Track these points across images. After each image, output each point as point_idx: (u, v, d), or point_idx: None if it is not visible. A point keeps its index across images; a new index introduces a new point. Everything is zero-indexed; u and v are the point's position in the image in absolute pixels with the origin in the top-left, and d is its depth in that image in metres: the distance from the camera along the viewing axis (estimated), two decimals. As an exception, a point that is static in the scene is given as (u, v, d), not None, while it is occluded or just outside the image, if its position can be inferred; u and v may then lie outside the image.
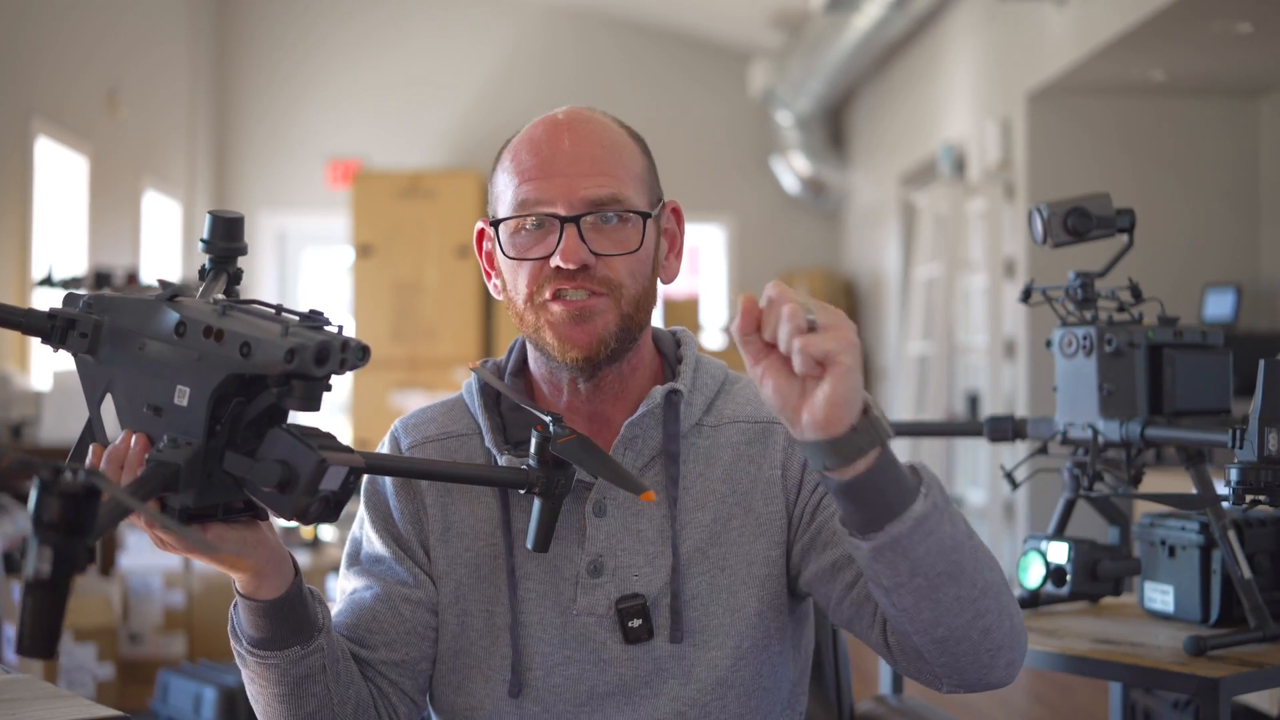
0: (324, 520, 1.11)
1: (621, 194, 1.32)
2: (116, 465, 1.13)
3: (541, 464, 1.25)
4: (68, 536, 0.92)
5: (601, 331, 1.32)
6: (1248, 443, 1.63)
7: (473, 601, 1.36)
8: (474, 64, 8.87)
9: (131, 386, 1.13)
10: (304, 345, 1.03)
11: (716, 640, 1.34)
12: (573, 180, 1.31)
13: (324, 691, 1.28)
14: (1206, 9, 4.32)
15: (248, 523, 1.18)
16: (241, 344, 1.06)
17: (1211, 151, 5.71)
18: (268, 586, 1.22)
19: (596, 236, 1.31)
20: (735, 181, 9.06)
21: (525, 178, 1.33)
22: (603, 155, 1.33)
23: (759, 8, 7.76)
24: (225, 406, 1.09)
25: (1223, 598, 1.83)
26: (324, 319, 1.09)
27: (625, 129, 1.39)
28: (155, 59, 7.77)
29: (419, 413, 1.47)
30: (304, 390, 1.07)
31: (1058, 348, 1.91)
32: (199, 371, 1.08)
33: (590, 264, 1.31)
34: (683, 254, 1.43)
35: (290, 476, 1.07)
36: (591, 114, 1.38)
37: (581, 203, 1.31)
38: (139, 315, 1.13)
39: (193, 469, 1.08)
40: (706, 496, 1.37)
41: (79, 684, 3.87)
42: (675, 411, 1.37)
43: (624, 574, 1.34)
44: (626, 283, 1.32)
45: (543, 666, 1.34)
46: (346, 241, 7.91)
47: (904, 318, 7.33)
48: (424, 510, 1.39)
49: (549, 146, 1.33)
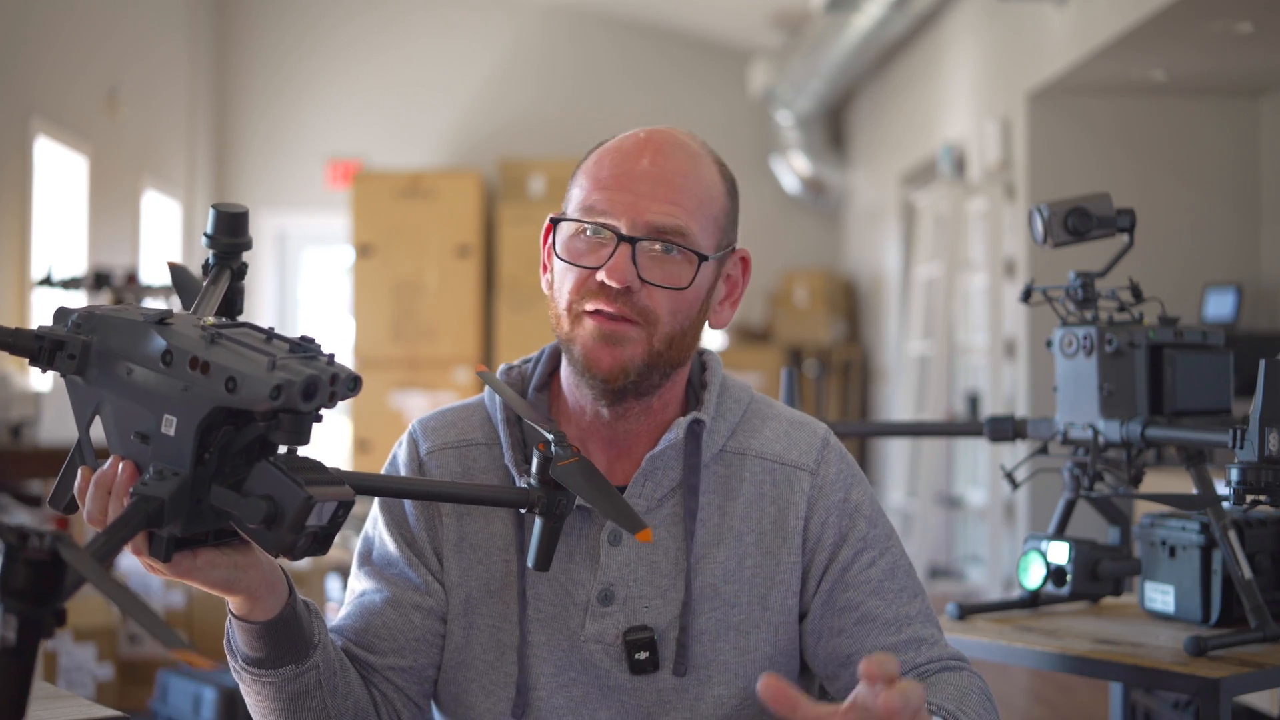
0: (312, 554, 1.08)
1: (687, 227, 1.29)
2: (104, 491, 1.10)
3: (543, 483, 1.23)
4: (34, 604, 0.89)
5: (627, 360, 1.29)
6: (1248, 443, 1.62)
7: (480, 616, 1.35)
8: (474, 64, 8.87)
9: (120, 411, 1.10)
10: (290, 382, 0.99)
11: (723, 678, 1.33)
12: (642, 200, 1.28)
13: (320, 706, 1.26)
14: (1206, 9, 4.32)
15: (239, 546, 1.15)
16: (227, 379, 1.02)
17: (1212, 151, 5.70)
18: (261, 608, 1.19)
19: (649, 263, 1.28)
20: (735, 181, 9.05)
21: (598, 185, 1.30)
22: (680, 184, 1.30)
23: (759, 8, 7.76)
24: (214, 434, 1.06)
25: (1223, 598, 1.83)
26: (315, 349, 1.05)
27: (718, 165, 1.36)
28: (155, 59, 7.77)
29: (439, 415, 1.44)
30: (291, 424, 1.04)
31: (1058, 348, 1.91)
32: (185, 402, 1.05)
33: (635, 288, 1.28)
34: (739, 303, 1.39)
35: (276, 513, 1.04)
36: (686, 141, 1.34)
37: (644, 225, 1.28)
38: (127, 338, 1.09)
39: (178, 501, 1.05)
40: (724, 532, 1.35)
41: (79, 684, 3.87)
42: (697, 443, 1.35)
43: (634, 605, 1.33)
44: (665, 317, 1.29)
45: (546, 687, 1.33)
46: (346, 241, 7.91)
47: (904, 318, 7.33)
48: (439, 518, 1.37)
49: (630, 161, 1.30)
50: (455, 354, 7.60)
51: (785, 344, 8.36)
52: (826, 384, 8.36)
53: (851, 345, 8.53)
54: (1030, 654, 1.79)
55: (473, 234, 7.67)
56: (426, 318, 7.62)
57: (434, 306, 7.62)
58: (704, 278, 1.32)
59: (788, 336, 8.43)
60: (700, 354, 1.43)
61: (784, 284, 8.64)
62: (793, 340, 8.39)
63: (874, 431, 3.39)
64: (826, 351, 8.37)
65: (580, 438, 1.37)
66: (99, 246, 6.60)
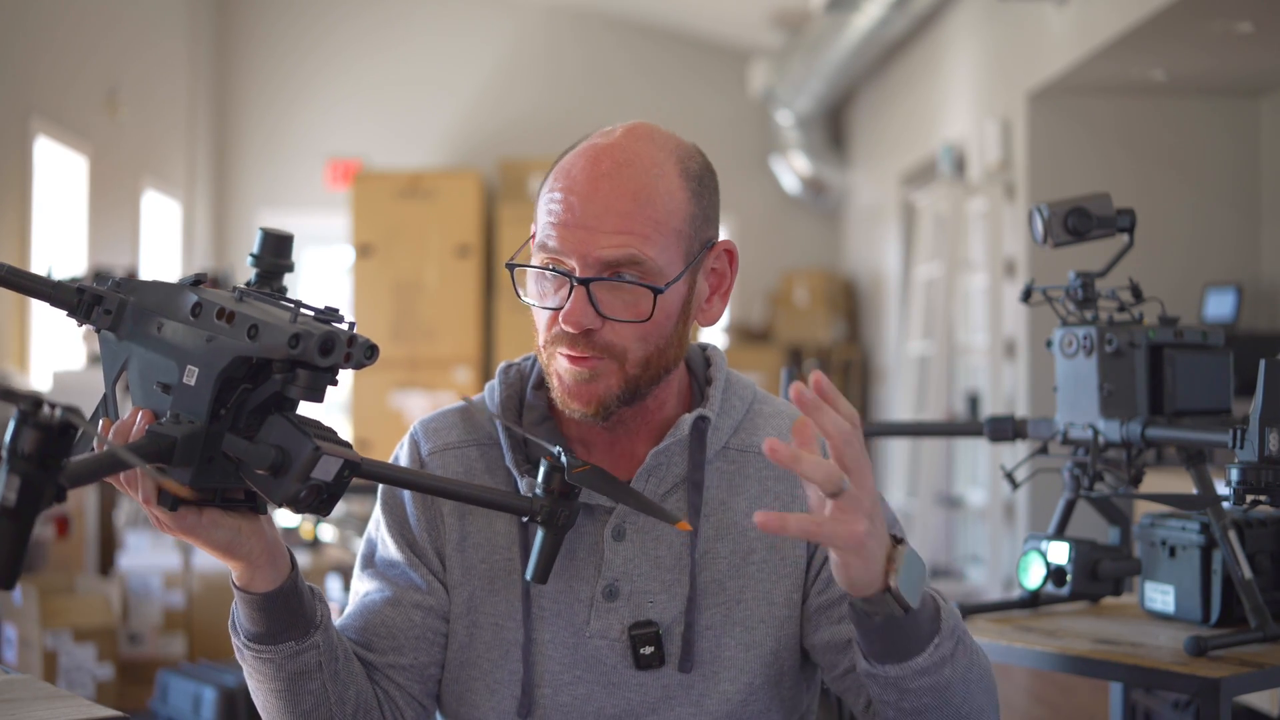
0: (315, 511, 1.11)
1: (642, 255, 1.25)
2: (121, 438, 1.14)
3: (548, 493, 1.24)
4: (38, 468, 0.92)
5: (603, 393, 1.28)
6: (1248, 443, 1.62)
7: (484, 614, 1.35)
8: (474, 64, 8.87)
9: (145, 364, 1.16)
10: (309, 333, 1.05)
11: (728, 674, 1.33)
12: (594, 236, 1.25)
13: (321, 689, 1.27)
14: (1206, 9, 4.32)
15: (244, 512, 1.18)
16: (250, 326, 1.08)
17: (1212, 151, 5.71)
18: (262, 578, 1.21)
19: (608, 298, 1.26)
20: (735, 181, 9.05)
21: (553, 219, 1.27)
22: (631, 209, 1.25)
23: (759, 8, 7.76)
24: (231, 391, 1.11)
25: (1223, 598, 1.83)
26: (338, 315, 1.11)
27: (681, 165, 1.30)
28: (155, 59, 7.77)
29: (440, 416, 1.44)
30: (308, 380, 1.09)
31: (1058, 348, 1.91)
32: (208, 352, 1.10)
33: (595, 328, 1.26)
34: (729, 294, 1.37)
35: (284, 461, 1.09)
36: (640, 151, 1.29)
37: (596, 262, 1.25)
38: (162, 297, 1.17)
39: (189, 446, 1.09)
40: (728, 528, 1.35)
41: (79, 684, 3.87)
42: (702, 439, 1.35)
43: (639, 600, 1.33)
44: (632, 348, 1.27)
45: (551, 685, 1.33)
46: (346, 241, 7.91)
47: (904, 318, 7.33)
48: (441, 518, 1.38)
49: (582, 189, 1.26)
50: (455, 354, 7.60)
51: (785, 344, 8.36)
52: (826, 384, 8.36)
53: (851, 345, 8.53)
54: (1030, 654, 1.79)
55: (473, 234, 7.67)
56: (426, 318, 7.62)
57: (434, 306, 7.62)
58: (673, 298, 1.29)
59: (788, 336, 8.43)
60: (704, 349, 1.42)
61: (784, 284, 8.64)
62: (793, 340, 8.39)
63: (874, 431, 3.38)
64: (826, 351, 8.37)
65: (582, 435, 1.37)
66: (99, 246, 6.60)
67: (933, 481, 6.40)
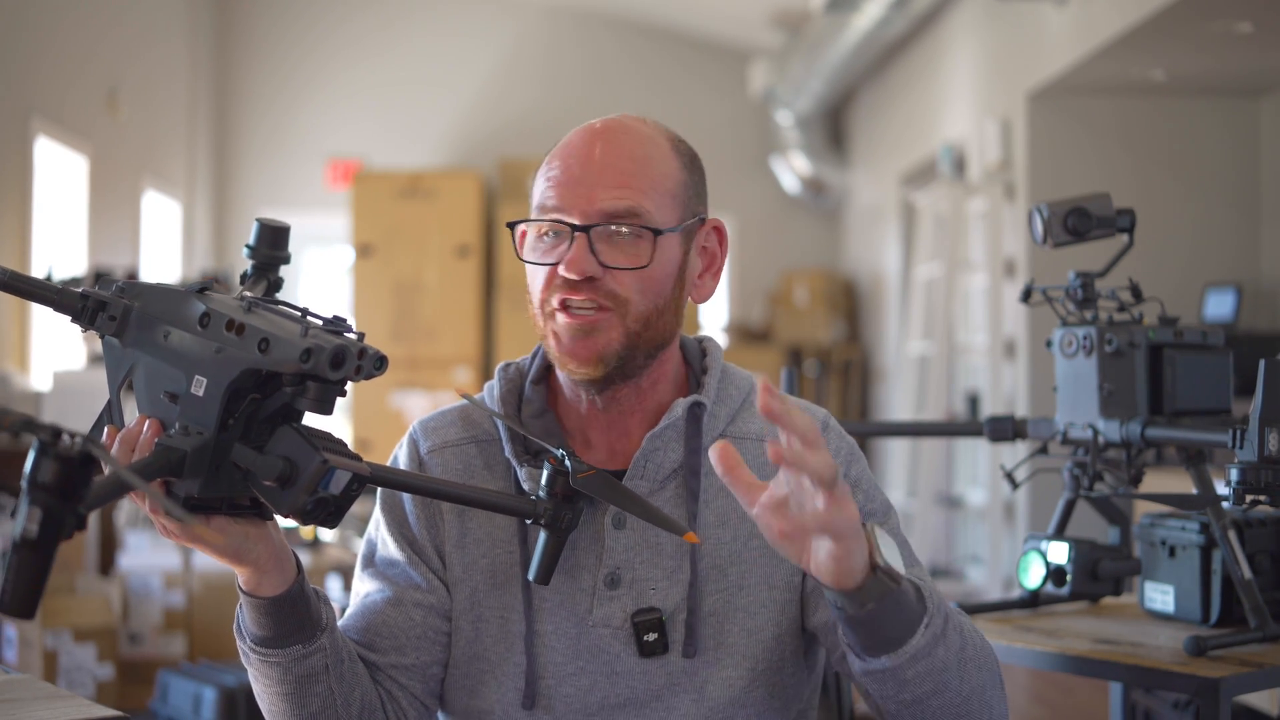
0: (323, 524, 1.11)
1: (641, 207, 1.29)
2: (127, 448, 1.14)
3: (551, 496, 1.25)
4: (59, 500, 0.93)
5: (603, 348, 1.29)
6: (1248, 443, 1.62)
7: (488, 608, 1.35)
8: (474, 64, 8.87)
9: (152, 372, 1.15)
10: (321, 347, 1.05)
11: (732, 659, 1.33)
12: (593, 190, 1.29)
13: (327, 691, 1.27)
14: (1206, 9, 4.32)
15: (251, 519, 1.18)
16: (261, 340, 1.08)
17: (1211, 151, 5.71)
18: (269, 583, 1.22)
19: (608, 248, 1.29)
20: (735, 181, 9.06)
21: (550, 183, 1.31)
22: (630, 167, 1.30)
23: (759, 8, 7.76)
24: (240, 402, 1.10)
25: (1223, 598, 1.83)
26: (345, 326, 1.10)
27: (673, 143, 1.36)
28: (155, 58, 7.77)
29: (439, 415, 1.45)
30: (318, 393, 1.10)
31: (1058, 348, 1.91)
32: (217, 363, 1.10)
33: (597, 276, 1.28)
34: (721, 273, 1.39)
35: (291, 473, 1.09)
36: (633, 124, 1.35)
37: (597, 213, 1.28)
38: (168, 304, 1.16)
39: (199, 458, 1.09)
40: (728, 514, 1.35)
41: (79, 684, 3.87)
42: (698, 425, 1.36)
43: (641, 587, 1.33)
44: (634, 298, 1.29)
45: (555, 676, 1.33)
46: (346, 241, 7.91)
47: (904, 318, 7.33)
48: (440, 516, 1.38)
49: (579, 154, 1.31)
50: (455, 354, 7.60)
51: (785, 344, 8.36)
52: (826, 384, 8.36)
53: (851, 345, 8.53)
54: (1030, 654, 1.79)
55: (473, 234, 7.67)
56: (426, 317, 7.62)
57: (434, 306, 7.62)
58: (670, 253, 1.32)
59: (788, 336, 8.43)
60: (700, 340, 1.44)
61: (784, 284, 8.64)
62: (793, 340, 8.39)
63: (874, 431, 3.40)
64: (826, 351, 8.37)
65: (580, 425, 1.38)
66: (99, 246, 6.60)
67: (933, 481, 6.40)
